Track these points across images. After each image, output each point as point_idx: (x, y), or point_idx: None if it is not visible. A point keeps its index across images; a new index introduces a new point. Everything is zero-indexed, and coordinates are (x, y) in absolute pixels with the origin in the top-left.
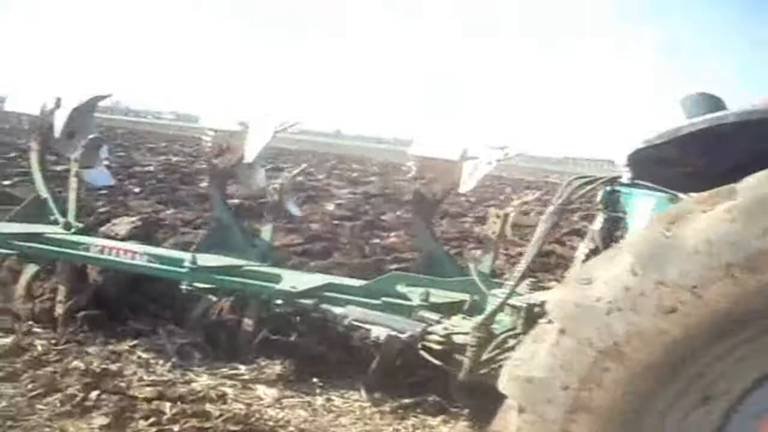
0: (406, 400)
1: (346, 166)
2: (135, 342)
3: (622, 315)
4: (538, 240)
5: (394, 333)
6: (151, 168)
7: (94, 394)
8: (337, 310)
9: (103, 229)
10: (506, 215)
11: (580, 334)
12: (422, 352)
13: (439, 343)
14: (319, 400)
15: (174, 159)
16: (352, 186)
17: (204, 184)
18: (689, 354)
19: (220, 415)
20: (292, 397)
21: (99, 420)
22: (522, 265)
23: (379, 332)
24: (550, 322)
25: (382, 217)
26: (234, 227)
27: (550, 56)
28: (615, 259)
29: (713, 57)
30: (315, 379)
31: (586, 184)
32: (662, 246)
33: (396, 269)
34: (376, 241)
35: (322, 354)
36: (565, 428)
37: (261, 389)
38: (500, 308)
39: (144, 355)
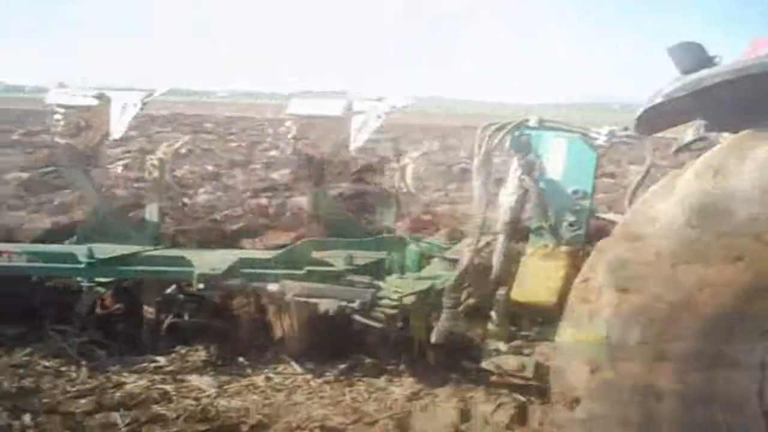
0: (342, 366)
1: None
2: (28, 350)
3: (689, 268)
4: (482, 192)
5: (344, 303)
6: None
7: (27, 418)
8: (272, 287)
9: None
10: (403, 167)
11: (648, 291)
12: (357, 317)
13: (392, 307)
14: (260, 381)
15: None
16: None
17: None
18: (756, 296)
19: (178, 417)
20: (230, 382)
21: None
22: (478, 219)
23: (328, 305)
24: (586, 280)
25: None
26: (110, 212)
27: None
28: (655, 211)
29: None
30: (241, 359)
31: (498, 130)
32: (714, 197)
33: (237, 229)
34: (186, 200)
35: (228, 331)
36: (647, 381)
37: (195, 379)
38: (470, 265)
39: (47, 363)
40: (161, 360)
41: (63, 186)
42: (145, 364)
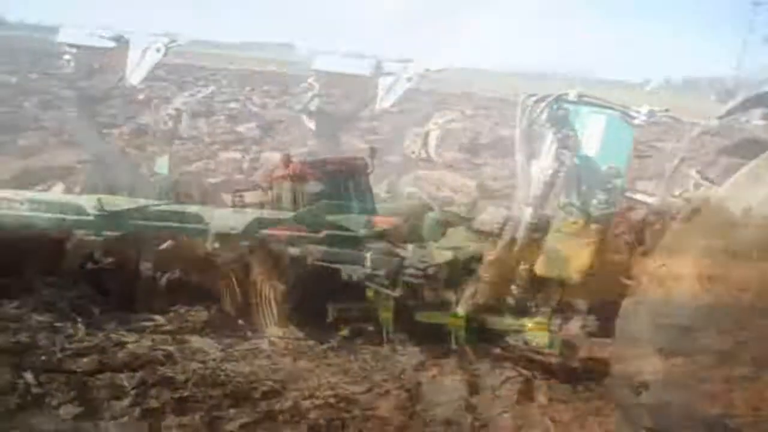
0: (342, 333)
1: None
2: (17, 302)
3: None
4: (525, 166)
5: (369, 271)
6: None
7: (29, 376)
8: (294, 250)
9: None
10: (427, 133)
11: (734, 280)
12: (373, 285)
13: (416, 276)
14: (264, 345)
15: None
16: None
17: None
18: None
19: (186, 380)
20: (232, 345)
21: (68, 410)
22: (523, 193)
23: (351, 271)
24: (664, 265)
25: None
26: (118, 161)
27: None
28: (746, 201)
29: None
30: (240, 321)
31: (539, 101)
32: None
33: (216, 184)
34: None
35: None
36: (724, 371)
37: (196, 340)
38: (514, 241)
39: (41, 318)
40: (160, 319)
41: (24, 127)
42: (143, 323)
